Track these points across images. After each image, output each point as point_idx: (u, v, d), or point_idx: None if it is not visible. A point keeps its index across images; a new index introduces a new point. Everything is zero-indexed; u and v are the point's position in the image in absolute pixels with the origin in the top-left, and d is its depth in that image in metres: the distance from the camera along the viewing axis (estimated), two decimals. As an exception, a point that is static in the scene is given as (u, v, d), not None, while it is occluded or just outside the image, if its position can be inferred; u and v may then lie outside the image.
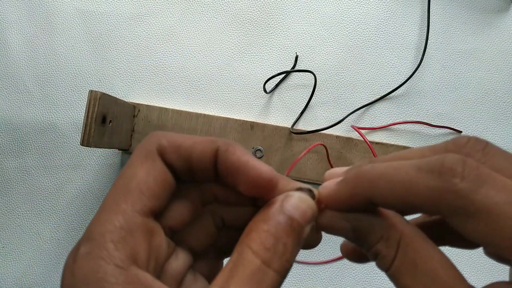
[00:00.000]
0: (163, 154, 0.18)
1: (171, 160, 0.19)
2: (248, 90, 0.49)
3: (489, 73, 0.49)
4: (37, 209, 0.49)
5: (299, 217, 0.17)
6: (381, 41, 0.50)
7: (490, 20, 0.50)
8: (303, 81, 0.49)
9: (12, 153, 0.50)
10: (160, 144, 0.18)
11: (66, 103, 0.50)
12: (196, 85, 0.50)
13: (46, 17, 0.50)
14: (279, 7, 0.50)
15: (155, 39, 0.50)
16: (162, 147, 0.18)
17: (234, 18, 0.50)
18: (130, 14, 0.50)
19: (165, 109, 0.47)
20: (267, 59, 0.50)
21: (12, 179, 0.49)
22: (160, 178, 0.18)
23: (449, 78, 0.49)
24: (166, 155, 0.18)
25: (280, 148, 0.47)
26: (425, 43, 0.49)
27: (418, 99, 0.49)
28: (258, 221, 0.17)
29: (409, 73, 0.49)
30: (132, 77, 0.50)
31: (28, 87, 0.50)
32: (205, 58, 0.50)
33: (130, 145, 0.47)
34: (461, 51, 0.50)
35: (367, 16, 0.50)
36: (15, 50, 0.50)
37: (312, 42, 0.50)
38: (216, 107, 0.49)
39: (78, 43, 0.50)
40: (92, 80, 0.50)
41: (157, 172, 0.18)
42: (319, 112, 0.49)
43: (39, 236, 0.49)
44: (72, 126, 0.50)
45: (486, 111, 0.49)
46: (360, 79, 0.49)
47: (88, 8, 0.50)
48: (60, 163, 0.49)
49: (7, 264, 0.49)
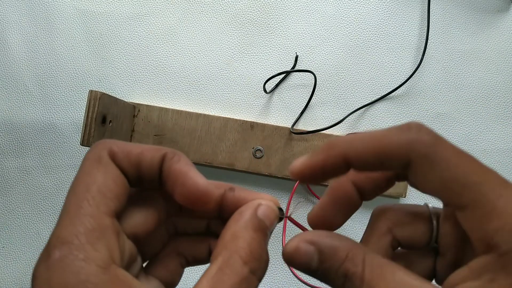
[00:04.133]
0: (115, 159, 0.19)
1: (122, 165, 0.19)
2: (248, 90, 0.49)
3: (489, 73, 0.49)
4: (37, 209, 0.49)
5: (270, 225, 0.19)
6: (381, 41, 0.50)
7: (490, 20, 0.50)
8: (303, 81, 0.49)
9: (12, 153, 0.50)
10: (110, 150, 0.19)
11: (66, 103, 0.50)
12: (196, 85, 0.50)
13: (46, 17, 0.50)
14: (279, 7, 0.50)
15: (155, 39, 0.50)
16: (112, 152, 0.19)
17: (234, 18, 0.50)
18: (130, 14, 0.50)
19: (165, 109, 0.47)
20: (267, 59, 0.50)
21: (12, 179, 0.49)
22: (118, 180, 0.18)
23: (449, 78, 0.49)
24: (117, 161, 0.19)
25: (280, 148, 0.47)
26: (425, 43, 0.49)
27: (418, 99, 0.49)
28: (242, 228, 0.18)
29: (409, 73, 0.49)
30: (132, 77, 0.50)
31: (28, 87, 0.50)
32: (205, 58, 0.50)
33: (130, 145, 0.47)
34: (461, 51, 0.50)
35: (367, 16, 0.50)
36: (15, 50, 0.50)
37: (312, 42, 0.50)
38: (216, 107, 0.49)
39: (78, 43, 0.50)
40: (92, 80, 0.50)
41: (114, 175, 0.18)
42: (319, 112, 0.49)
43: (39, 236, 0.49)
44: (72, 126, 0.50)
45: (486, 111, 0.49)
46: (360, 79, 0.49)
47: (88, 8, 0.50)
48: (60, 163, 0.49)
49: (7, 264, 0.49)
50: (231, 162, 0.47)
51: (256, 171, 0.47)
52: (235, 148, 0.47)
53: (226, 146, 0.47)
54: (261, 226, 0.19)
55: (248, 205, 0.20)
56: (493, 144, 0.49)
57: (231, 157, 0.47)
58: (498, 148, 0.49)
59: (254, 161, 0.47)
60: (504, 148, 0.49)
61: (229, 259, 0.17)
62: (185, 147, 0.47)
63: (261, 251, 0.18)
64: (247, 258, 0.17)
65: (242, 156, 0.47)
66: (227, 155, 0.47)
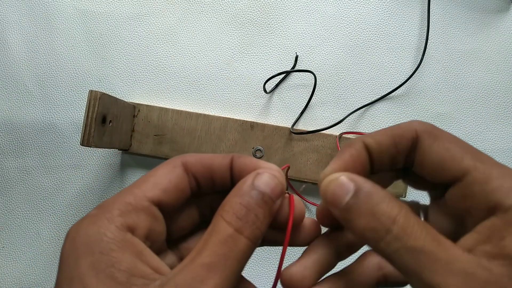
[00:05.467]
0: (187, 165, 0.22)
1: (195, 170, 0.22)
2: (248, 90, 0.49)
3: (489, 73, 0.49)
4: (37, 209, 0.49)
5: (270, 191, 0.20)
6: (381, 41, 0.50)
7: (490, 20, 0.50)
8: (303, 81, 0.49)
9: (12, 153, 0.50)
10: (184, 158, 0.22)
11: (66, 103, 0.50)
12: (196, 85, 0.50)
13: (46, 17, 0.50)
14: (279, 7, 0.50)
15: (155, 39, 0.50)
16: (186, 160, 0.22)
17: (234, 18, 0.50)
18: (130, 14, 0.50)
19: (165, 109, 0.47)
20: (267, 59, 0.50)
21: (12, 179, 0.49)
22: (175, 181, 0.21)
23: (449, 78, 0.49)
24: (190, 167, 0.22)
25: (280, 148, 0.47)
26: (425, 43, 0.49)
27: (418, 99, 0.49)
28: (231, 196, 0.20)
29: (409, 73, 0.49)
30: (132, 77, 0.50)
31: (28, 87, 0.50)
32: (205, 58, 0.50)
33: (130, 145, 0.47)
34: (461, 51, 0.50)
35: (367, 16, 0.50)
36: (15, 50, 0.50)
37: (312, 42, 0.50)
38: (216, 107, 0.49)
39: (78, 43, 0.50)
40: (92, 80, 0.50)
41: (174, 176, 0.21)
42: (319, 112, 0.49)
43: (39, 236, 0.49)
44: (72, 126, 0.50)
45: (486, 111, 0.49)
46: (360, 79, 0.49)
47: (88, 8, 0.50)
48: (60, 163, 0.49)
49: (7, 264, 0.49)
50: (231, 162, 0.47)
51: (256, 171, 0.47)
52: (235, 148, 0.47)
53: (226, 146, 0.47)
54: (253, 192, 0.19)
55: (247, 176, 0.20)
56: (493, 144, 0.49)
57: (231, 157, 0.47)
58: (498, 148, 0.49)
59: (254, 161, 0.47)
60: (504, 148, 0.49)
61: (215, 223, 0.19)
62: (185, 147, 0.47)
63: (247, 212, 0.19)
64: (229, 218, 0.18)
65: (242, 156, 0.47)
66: (227, 155, 0.47)
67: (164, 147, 0.47)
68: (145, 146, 0.47)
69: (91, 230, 0.18)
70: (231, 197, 0.19)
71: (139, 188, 0.20)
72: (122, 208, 0.19)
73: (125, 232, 0.18)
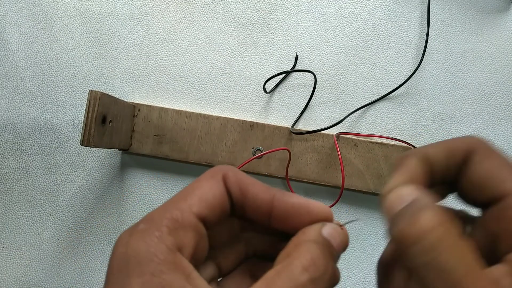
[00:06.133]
0: (226, 180, 0.21)
1: (230, 187, 0.21)
2: (248, 90, 0.49)
3: (489, 73, 0.49)
4: (37, 209, 0.49)
5: (340, 247, 0.20)
6: (381, 41, 0.50)
7: (490, 20, 0.50)
8: (303, 81, 0.49)
9: (12, 153, 0.50)
10: (225, 172, 0.21)
11: (66, 103, 0.50)
12: (196, 85, 0.50)
13: (46, 17, 0.50)
14: (279, 7, 0.50)
15: (155, 39, 0.50)
16: (226, 174, 0.21)
17: (234, 18, 0.50)
18: (130, 14, 0.50)
19: (165, 109, 0.47)
20: (267, 59, 0.50)
21: (12, 179, 0.49)
22: (219, 197, 0.20)
23: (449, 78, 0.49)
24: (227, 183, 0.21)
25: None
26: (425, 43, 0.49)
27: (418, 99, 0.49)
28: (306, 240, 0.19)
29: (409, 73, 0.49)
30: (132, 77, 0.50)
31: (28, 87, 0.50)
32: (205, 58, 0.50)
33: (130, 145, 0.47)
34: (461, 51, 0.50)
35: (367, 16, 0.50)
36: (15, 50, 0.50)
37: (312, 42, 0.50)
38: (216, 107, 0.49)
39: (78, 43, 0.50)
40: (92, 80, 0.50)
41: (217, 191, 0.20)
42: (319, 112, 0.49)
43: (39, 236, 0.49)
44: (72, 126, 0.50)
45: (486, 111, 0.49)
46: (360, 79, 0.49)
47: (88, 8, 0.50)
48: (60, 163, 0.49)
49: (7, 264, 0.49)
50: (231, 162, 0.47)
51: (256, 171, 0.47)
52: (235, 148, 0.47)
53: (226, 146, 0.47)
54: (325, 243, 0.19)
55: (311, 226, 0.20)
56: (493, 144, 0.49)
57: (231, 157, 0.47)
58: (498, 148, 0.49)
59: (254, 161, 0.47)
60: (504, 148, 0.49)
61: (288, 264, 0.18)
62: (185, 147, 0.47)
63: (326, 263, 0.18)
64: (308, 264, 0.17)
65: (242, 156, 0.47)
66: (227, 155, 0.47)
67: (164, 147, 0.47)
68: (145, 146, 0.47)
69: (141, 247, 0.18)
70: (306, 241, 0.19)
71: (185, 201, 0.20)
72: (171, 226, 0.19)
73: (174, 253, 0.18)
